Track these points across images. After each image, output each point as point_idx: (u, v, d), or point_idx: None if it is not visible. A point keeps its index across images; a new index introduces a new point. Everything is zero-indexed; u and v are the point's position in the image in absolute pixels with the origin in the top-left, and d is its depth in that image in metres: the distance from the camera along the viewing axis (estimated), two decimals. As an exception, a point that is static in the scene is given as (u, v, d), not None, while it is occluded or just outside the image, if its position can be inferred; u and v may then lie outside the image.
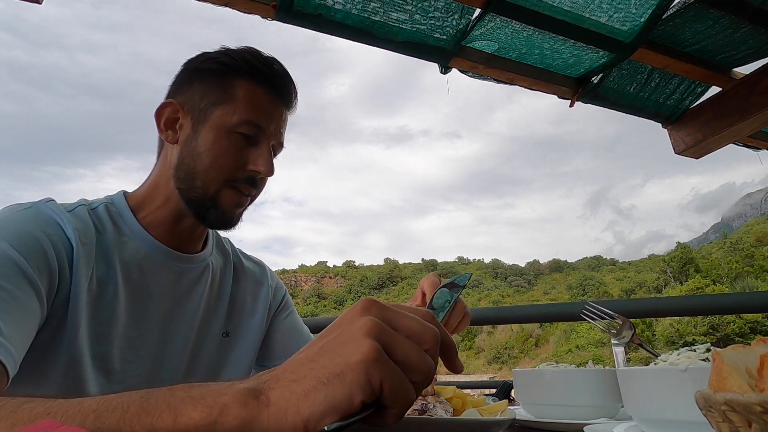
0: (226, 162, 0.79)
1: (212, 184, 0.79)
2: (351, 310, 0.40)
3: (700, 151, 2.02)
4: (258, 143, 0.82)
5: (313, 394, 0.34)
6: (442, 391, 0.57)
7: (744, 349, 0.42)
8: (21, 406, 0.39)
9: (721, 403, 0.35)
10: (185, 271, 0.85)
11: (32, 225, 0.67)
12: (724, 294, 15.63)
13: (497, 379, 3.85)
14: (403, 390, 0.36)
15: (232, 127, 0.79)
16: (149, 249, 0.80)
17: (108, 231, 0.77)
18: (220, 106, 0.79)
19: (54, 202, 0.75)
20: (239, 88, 0.80)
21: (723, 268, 36.20)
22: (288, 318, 1.03)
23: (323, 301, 75.46)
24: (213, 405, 0.35)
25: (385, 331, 0.37)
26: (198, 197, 0.80)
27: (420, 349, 0.38)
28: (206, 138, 0.79)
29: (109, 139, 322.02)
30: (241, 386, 0.36)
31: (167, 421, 0.35)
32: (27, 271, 0.62)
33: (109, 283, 0.74)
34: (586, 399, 0.77)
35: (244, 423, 0.35)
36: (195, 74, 0.83)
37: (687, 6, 1.51)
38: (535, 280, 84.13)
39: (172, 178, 0.81)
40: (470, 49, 1.63)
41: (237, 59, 0.82)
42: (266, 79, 0.82)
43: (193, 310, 0.85)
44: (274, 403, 0.35)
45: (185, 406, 0.36)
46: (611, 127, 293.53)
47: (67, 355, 0.68)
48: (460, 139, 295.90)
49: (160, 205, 0.82)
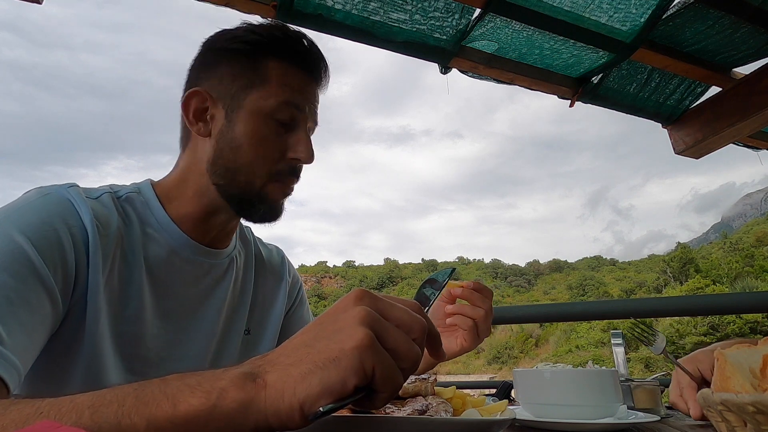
0: (269, 152, 0.73)
1: (257, 178, 0.73)
2: (344, 300, 0.41)
3: (700, 151, 2.02)
4: (296, 128, 0.75)
5: (309, 377, 0.36)
6: (442, 391, 0.57)
7: (749, 348, 0.42)
8: (8, 408, 0.38)
9: (718, 403, 0.35)
10: (212, 266, 0.80)
11: (53, 214, 0.63)
12: (724, 294, 15.63)
13: (497, 379, 3.85)
14: (392, 375, 0.38)
15: (270, 112, 0.72)
16: (176, 243, 0.75)
17: (134, 222, 0.73)
18: (253, 90, 0.73)
19: (76, 187, 0.69)
20: (271, 68, 0.73)
21: (723, 268, 36.20)
22: (301, 312, 1.00)
23: (323, 301, 75.47)
24: (211, 390, 0.36)
25: (377, 320, 0.39)
26: (241, 192, 0.74)
27: (409, 338, 0.40)
28: (244, 127, 0.72)
29: (111, 139, 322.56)
30: (237, 371, 0.38)
31: (166, 410, 0.36)
32: (41, 270, 0.58)
33: (133, 279, 0.70)
34: (586, 399, 0.77)
35: (243, 405, 0.36)
36: (220, 56, 0.76)
37: (687, 6, 1.51)
38: (535, 280, 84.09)
39: (206, 173, 0.75)
40: (470, 49, 1.63)
41: (265, 36, 0.75)
42: (297, 55, 0.75)
43: (218, 307, 0.81)
44: (271, 386, 0.36)
45: (183, 393, 0.36)
46: (613, 127, 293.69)
47: (88, 353, 0.65)
48: (461, 139, 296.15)
49: (191, 198, 0.76)
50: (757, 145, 2.12)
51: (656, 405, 0.97)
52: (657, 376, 1.38)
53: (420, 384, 0.54)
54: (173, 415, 0.35)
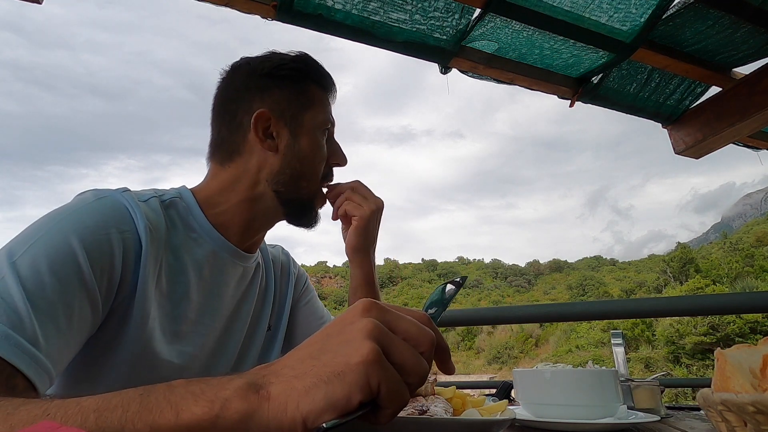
0: (323, 159, 0.87)
1: (314, 183, 0.87)
2: (352, 310, 0.40)
3: (700, 151, 2.02)
4: (330, 138, 0.90)
5: (313, 391, 0.35)
6: (442, 391, 0.57)
7: (749, 348, 0.42)
8: (18, 408, 0.39)
9: (718, 403, 0.35)
10: (246, 270, 0.87)
11: (108, 219, 0.65)
12: (724, 294, 15.62)
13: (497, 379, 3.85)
14: (398, 392, 0.37)
15: (321, 128, 0.87)
16: (218, 247, 0.81)
17: (178, 226, 0.77)
18: (308, 111, 0.85)
19: (130, 192, 0.73)
20: (315, 93, 0.87)
21: (723, 268, 36.18)
22: (309, 303, 1.06)
23: (323, 301, 75.05)
24: (215, 400, 0.36)
25: (385, 333, 0.38)
26: (301, 197, 0.85)
27: (416, 352, 0.39)
28: (307, 142, 0.85)
29: (112, 139, 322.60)
30: (242, 381, 0.37)
31: (169, 418, 0.35)
32: (88, 276, 0.60)
33: (180, 279, 0.74)
34: (586, 399, 0.77)
35: (246, 416, 0.35)
36: (272, 81, 0.85)
37: (687, 6, 1.51)
38: (535, 280, 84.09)
39: (264, 182, 0.83)
40: (470, 49, 1.64)
41: (305, 65, 0.88)
42: (325, 80, 0.90)
43: (248, 308, 0.88)
44: (274, 398, 0.36)
45: (186, 401, 0.36)
46: (613, 127, 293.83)
47: (133, 352, 0.66)
48: (462, 139, 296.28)
49: (236, 204, 0.83)
50: (757, 145, 2.12)
51: (656, 405, 0.97)
52: (657, 376, 1.38)
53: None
54: (176, 424, 0.35)
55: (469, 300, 67.60)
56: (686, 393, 14.30)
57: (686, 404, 1.11)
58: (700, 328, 25.03)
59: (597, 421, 0.74)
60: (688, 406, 1.07)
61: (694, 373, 23.04)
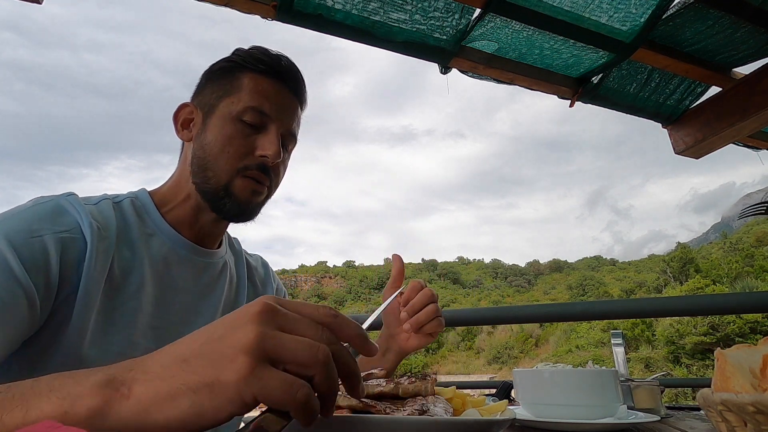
0: (233, 149, 0.80)
1: (223, 173, 0.80)
2: (244, 312, 0.36)
3: (700, 151, 2.02)
4: (266, 130, 0.83)
5: (179, 398, 0.33)
6: (442, 391, 0.57)
7: (749, 348, 0.42)
8: None
9: (718, 403, 0.35)
10: (207, 266, 0.87)
11: (43, 221, 0.67)
12: (724, 294, 15.61)
13: (497, 379, 3.85)
14: (288, 401, 0.33)
15: (237, 114, 0.81)
16: (173, 243, 0.82)
17: (133, 224, 0.79)
18: (226, 98, 0.83)
19: (75, 196, 0.75)
20: (244, 79, 0.83)
21: (723, 268, 36.17)
22: None
23: (323, 301, 75.48)
24: (66, 396, 0.34)
25: (270, 338, 0.35)
26: (211, 188, 0.81)
27: (312, 343, 0.36)
28: (213, 128, 0.82)
29: (113, 139, 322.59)
30: (102, 375, 0.35)
31: (17, 417, 0.34)
32: (19, 272, 0.61)
33: (134, 272, 0.75)
34: (586, 399, 0.77)
35: (96, 413, 0.33)
36: (208, 76, 0.87)
37: (687, 6, 1.51)
38: (535, 280, 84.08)
39: (190, 174, 0.84)
40: (470, 49, 1.64)
41: (244, 56, 0.85)
42: (271, 69, 0.84)
43: (214, 305, 0.87)
44: (135, 397, 0.34)
45: (39, 398, 0.35)
46: (613, 127, 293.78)
47: (66, 352, 0.67)
48: (463, 139, 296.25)
49: (182, 201, 0.84)
50: (757, 145, 2.12)
51: (656, 405, 0.97)
52: (657, 376, 1.38)
53: (420, 384, 0.54)
54: (23, 422, 0.34)
55: (469, 300, 67.58)
56: (686, 393, 14.30)
57: (686, 404, 1.11)
58: (700, 328, 25.02)
59: (597, 421, 0.74)
60: (688, 406, 1.07)
61: (694, 373, 23.04)
